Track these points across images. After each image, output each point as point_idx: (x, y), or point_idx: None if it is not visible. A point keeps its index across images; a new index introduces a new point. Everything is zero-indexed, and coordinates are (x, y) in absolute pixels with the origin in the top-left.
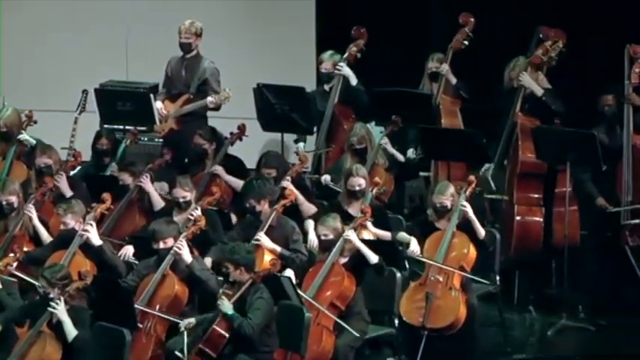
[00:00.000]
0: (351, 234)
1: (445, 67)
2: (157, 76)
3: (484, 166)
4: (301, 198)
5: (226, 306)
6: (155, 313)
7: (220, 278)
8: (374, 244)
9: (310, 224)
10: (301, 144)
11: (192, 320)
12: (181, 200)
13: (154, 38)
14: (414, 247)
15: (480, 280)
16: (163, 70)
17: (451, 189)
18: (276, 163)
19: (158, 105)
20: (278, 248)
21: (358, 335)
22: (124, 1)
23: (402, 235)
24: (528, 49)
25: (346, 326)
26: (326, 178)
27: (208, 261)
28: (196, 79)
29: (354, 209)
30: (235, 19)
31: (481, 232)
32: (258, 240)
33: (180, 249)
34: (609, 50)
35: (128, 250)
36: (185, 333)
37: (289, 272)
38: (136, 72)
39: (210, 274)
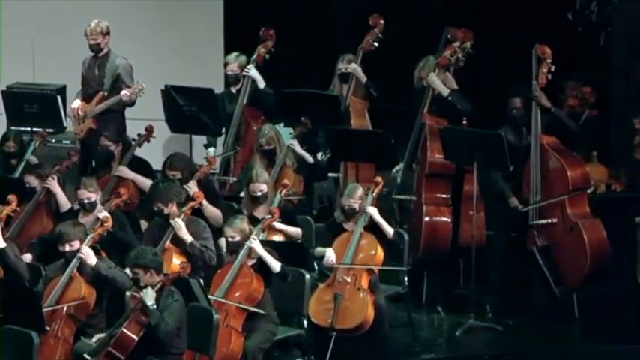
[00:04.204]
0: (254, 243)
1: (354, 66)
2: (65, 78)
3: (396, 167)
4: (204, 201)
5: (149, 295)
6: (64, 306)
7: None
8: (283, 247)
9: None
10: (211, 149)
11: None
12: (86, 202)
13: (61, 39)
14: (330, 254)
15: (394, 267)
16: (71, 70)
17: (360, 191)
18: (182, 165)
19: (75, 104)
20: (189, 238)
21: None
22: (30, 2)
23: (319, 250)
24: (437, 50)
25: (257, 310)
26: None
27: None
28: (109, 77)
29: (259, 213)
30: (142, 20)
31: (389, 231)
32: (176, 224)
33: (85, 253)
34: (517, 50)
35: (26, 257)
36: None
37: None
38: (43, 73)
39: (118, 271)
